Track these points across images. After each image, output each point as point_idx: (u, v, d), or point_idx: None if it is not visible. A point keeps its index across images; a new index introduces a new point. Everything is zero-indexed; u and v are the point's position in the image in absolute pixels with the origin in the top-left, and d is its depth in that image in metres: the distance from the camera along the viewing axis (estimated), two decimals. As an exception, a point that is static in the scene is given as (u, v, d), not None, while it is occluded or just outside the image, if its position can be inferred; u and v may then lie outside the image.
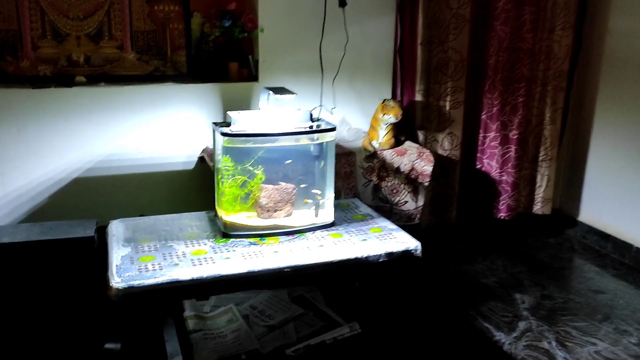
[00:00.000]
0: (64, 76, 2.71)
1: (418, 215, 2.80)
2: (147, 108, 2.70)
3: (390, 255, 2.00)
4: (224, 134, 2.01)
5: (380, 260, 1.98)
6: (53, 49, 2.71)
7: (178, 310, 2.25)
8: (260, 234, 2.07)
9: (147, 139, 2.74)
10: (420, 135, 3.07)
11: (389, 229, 2.17)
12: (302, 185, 2.15)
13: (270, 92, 2.16)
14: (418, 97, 3.02)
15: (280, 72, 2.86)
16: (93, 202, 2.69)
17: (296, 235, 2.10)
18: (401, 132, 2.90)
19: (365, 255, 1.96)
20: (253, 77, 2.88)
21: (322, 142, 2.13)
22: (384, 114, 2.71)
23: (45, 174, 2.61)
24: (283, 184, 2.12)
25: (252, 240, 2.04)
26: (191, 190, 2.84)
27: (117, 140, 2.69)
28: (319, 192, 2.15)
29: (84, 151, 2.65)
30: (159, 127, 2.75)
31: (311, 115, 2.18)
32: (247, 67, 2.89)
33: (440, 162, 2.97)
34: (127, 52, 2.81)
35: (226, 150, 2.03)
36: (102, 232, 2.15)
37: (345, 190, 2.65)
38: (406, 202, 2.78)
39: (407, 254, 2.03)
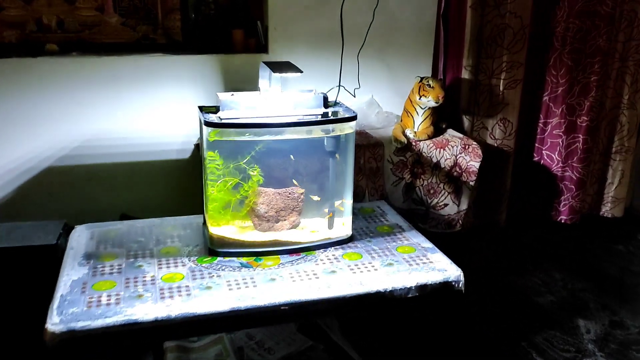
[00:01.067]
0: (32, 44, 2.52)
1: (460, 221, 2.55)
2: (133, 83, 2.54)
3: (422, 288, 1.69)
4: (208, 124, 1.70)
5: (410, 295, 1.68)
6: (20, 11, 2.53)
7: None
8: (256, 252, 1.80)
9: (133, 122, 2.58)
10: (466, 122, 2.88)
11: (422, 249, 1.87)
12: (301, 191, 1.89)
13: (270, 69, 1.85)
14: (465, 75, 2.83)
15: (295, 42, 2.67)
16: (67, 196, 2.54)
17: (302, 255, 1.82)
18: (442, 119, 2.71)
19: (389, 288, 1.66)
20: (262, 47, 2.70)
21: (339, 134, 1.83)
22: (422, 96, 2.52)
23: (10, 163, 2.46)
24: (296, 188, 1.89)
25: (244, 260, 1.77)
26: (187, 184, 2.62)
27: (97, 122, 2.54)
28: (318, 198, 1.89)
29: (57, 135, 2.50)
30: (147, 107, 2.58)
31: (325, 98, 1.90)
32: (255, 36, 2.71)
33: (490, 154, 2.78)
34: (109, 15, 2.64)
35: (212, 145, 1.72)
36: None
37: (371, 190, 2.43)
38: (446, 205, 2.56)
39: (445, 287, 1.72)
